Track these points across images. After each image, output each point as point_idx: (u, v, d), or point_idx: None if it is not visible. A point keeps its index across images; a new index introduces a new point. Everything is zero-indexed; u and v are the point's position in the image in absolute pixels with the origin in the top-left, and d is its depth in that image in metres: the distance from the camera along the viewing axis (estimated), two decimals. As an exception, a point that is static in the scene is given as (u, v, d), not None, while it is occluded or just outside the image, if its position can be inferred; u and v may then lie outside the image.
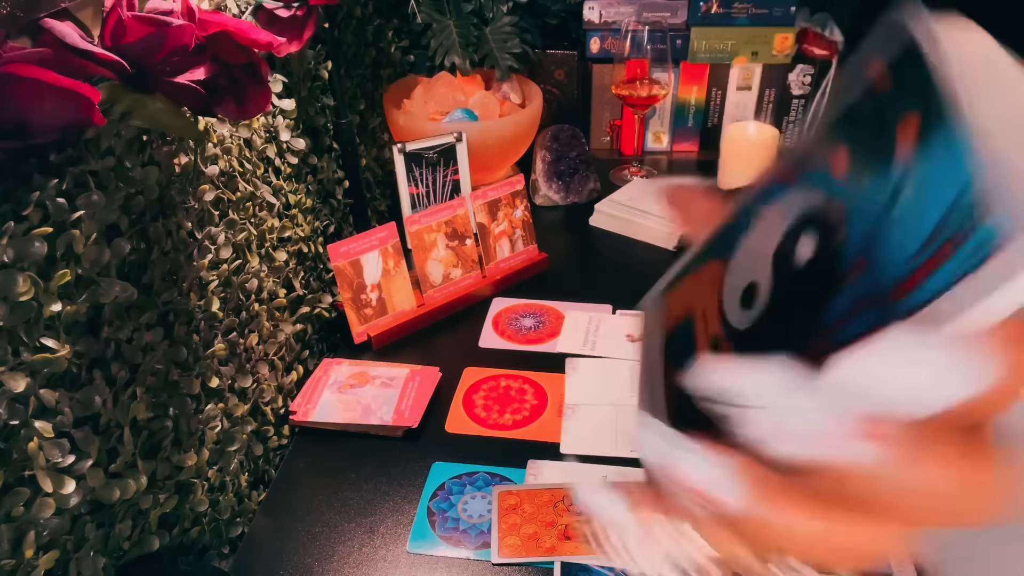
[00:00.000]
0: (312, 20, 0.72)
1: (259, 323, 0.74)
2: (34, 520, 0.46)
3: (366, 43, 1.09)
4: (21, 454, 0.45)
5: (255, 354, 0.74)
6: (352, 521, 0.70)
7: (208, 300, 0.65)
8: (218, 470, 0.67)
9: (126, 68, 0.46)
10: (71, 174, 0.48)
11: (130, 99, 0.49)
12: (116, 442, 0.53)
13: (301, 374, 0.84)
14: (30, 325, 0.45)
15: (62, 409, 0.48)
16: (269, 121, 0.79)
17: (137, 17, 0.47)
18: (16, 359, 0.45)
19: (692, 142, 1.37)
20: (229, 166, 0.70)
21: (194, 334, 0.63)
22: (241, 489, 0.72)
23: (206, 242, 0.65)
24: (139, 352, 0.55)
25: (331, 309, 0.92)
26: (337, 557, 0.66)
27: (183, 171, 0.62)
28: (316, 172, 0.90)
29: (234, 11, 0.71)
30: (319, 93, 0.91)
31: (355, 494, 0.72)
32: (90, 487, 0.50)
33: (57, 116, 0.42)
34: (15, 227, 0.44)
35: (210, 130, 0.67)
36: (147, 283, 0.57)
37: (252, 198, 0.74)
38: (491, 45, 1.19)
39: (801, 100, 1.29)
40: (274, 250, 0.78)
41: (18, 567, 0.45)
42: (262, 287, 0.75)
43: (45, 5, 0.45)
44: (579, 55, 1.32)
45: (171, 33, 0.47)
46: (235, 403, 0.70)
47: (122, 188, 0.53)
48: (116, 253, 0.52)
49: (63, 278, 0.47)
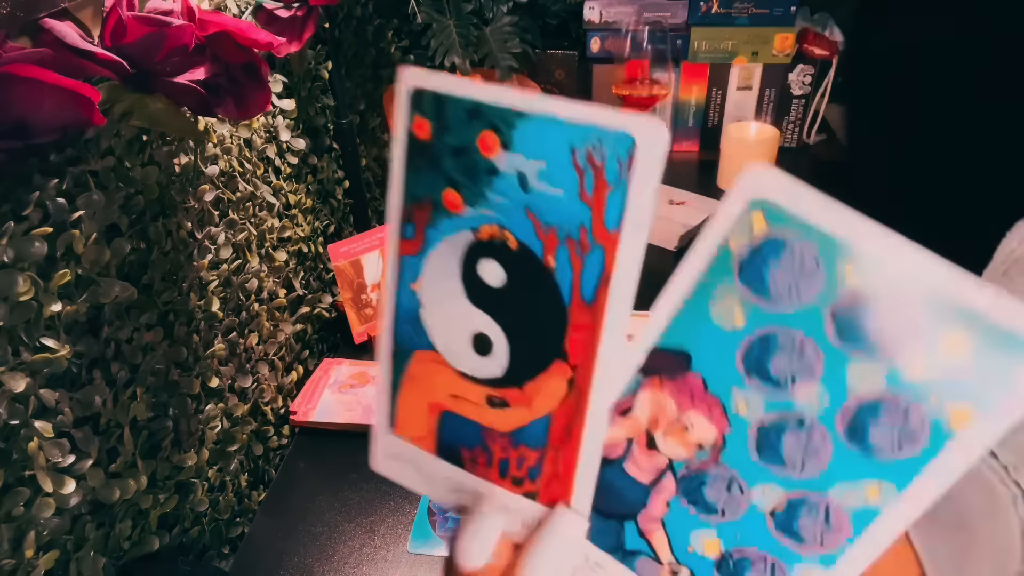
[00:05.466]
0: (312, 20, 0.72)
1: (259, 323, 0.74)
2: (34, 520, 0.46)
3: (366, 43, 1.09)
4: (21, 454, 0.45)
5: (255, 354, 0.74)
6: (352, 521, 0.70)
7: (208, 300, 0.65)
8: (218, 470, 0.67)
9: (126, 68, 0.46)
10: (71, 174, 0.48)
11: (130, 99, 0.49)
12: (116, 442, 0.53)
13: (301, 374, 0.84)
14: (30, 325, 0.45)
15: (62, 409, 0.48)
16: (269, 121, 0.79)
17: (137, 17, 0.47)
18: (16, 359, 0.45)
19: (692, 142, 1.37)
20: (229, 166, 0.70)
21: (194, 334, 0.63)
22: (241, 489, 0.72)
23: (206, 242, 0.65)
24: (139, 352, 0.55)
25: (331, 309, 0.92)
26: (337, 557, 0.66)
27: (183, 171, 0.62)
28: (316, 172, 0.90)
29: (234, 11, 0.71)
30: (319, 93, 0.91)
31: (355, 494, 0.72)
32: (90, 487, 0.50)
33: (57, 116, 0.42)
34: (15, 227, 0.44)
35: (210, 130, 0.67)
36: (147, 283, 0.57)
37: (252, 198, 0.74)
38: (491, 45, 1.19)
39: (801, 100, 1.29)
40: (274, 250, 0.78)
41: (18, 567, 0.45)
42: (262, 287, 0.75)
43: (45, 5, 0.45)
44: (579, 55, 1.32)
45: (171, 33, 0.47)
46: (235, 403, 0.70)
47: (122, 188, 0.53)
48: (116, 253, 0.52)
49: (63, 278, 0.47)
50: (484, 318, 0.27)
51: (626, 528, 0.27)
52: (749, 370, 0.24)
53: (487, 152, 0.25)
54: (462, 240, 0.27)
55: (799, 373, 0.23)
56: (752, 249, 0.23)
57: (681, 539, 0.26)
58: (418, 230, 0.28)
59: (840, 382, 0.22)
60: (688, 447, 0.25)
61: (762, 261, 0.23)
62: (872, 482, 0.22)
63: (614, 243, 0.24)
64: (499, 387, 0.28)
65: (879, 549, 0.23)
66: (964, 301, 0.20)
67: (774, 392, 0.23)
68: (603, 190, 0.23)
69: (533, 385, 0.27)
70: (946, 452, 0.21)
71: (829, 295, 0.22)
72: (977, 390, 0.21)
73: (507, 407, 0.28)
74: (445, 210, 0.27)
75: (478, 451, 0.29)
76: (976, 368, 0.20)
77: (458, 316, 0.28)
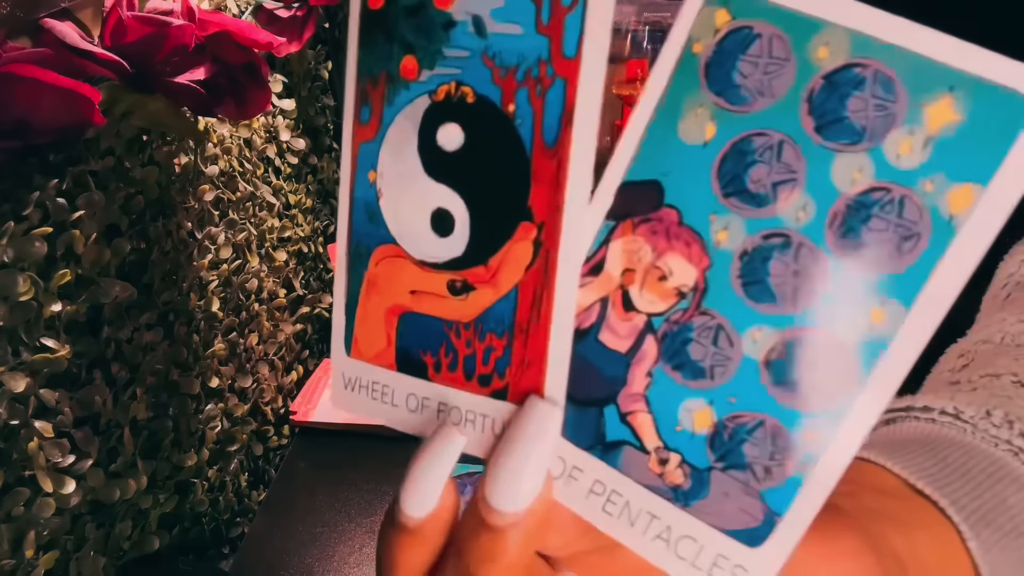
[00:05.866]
0: (312, 20, 0.72)
1: (259, 323, 0.74)
2: (34, 520, 0.46)
3: (366, 43, 1.09)
4: (21, 454, 0.45)
5: (255, 354, 0.74)
6: (352, 521, 0.70)
7: (208, 300, 0.65)
8: (218, 470, 0.67)
9: (126, 68, 0.46)
10: (71, 174, 0.48)
11: (130, 99, 0.49)
12: (116, 442, 0.53)
13: (301, 374, 0.84)
14: (30, 325, 0.45)
15: (62, 409, 0.48)
16: (269, 121, 0.79)
17: (137, 17, 0.47)
18: (16, 359, 0.45)
19: (692, 142, 1.37)
20: (229, 166, 0.70)
21: (194, 334, 0.63)
22: (241, 489, 0.72)
23: (206, 242, 0.65)
24: (139, 352, 0.55)
25: (331, 309, 0.91)
26: (337, 557, 0.66)
27: (183, 171, 0.62)
28: (316, 172, 0.90)
29: (234, 11, 0.71)
30: (319, 93, 0.91)
31: (355, 494, 0.72)
32: (90, 487, 0.50)
33: (57, 116, 0.42)
34: (15, 227, 0.44)
35: (210, 130, 0.67)
36: (147, 283, 0.57)
37: (252, 198, 0.74)
38: (491, 45, 1.18)
39: (801, 100, 1.29)
40: (274, 250, 0.78)
41: (18, 567, 0.45)
42: (262, 287, 0.75)
43: (45, 5, 0.45)
44: (579, 55, 1.32)
45: (171, 33, 0.47)
46: (235, 403, 0.70)
47: (122, 188, 0.53)
48: (116, 253, 0.52)
49: (63, 278, 0.47)
50: (443, 190, 0.25)
51: (606, 415, 0.24)
52: (726, 189, 0.21)
53: (443, 4, 0.24)
54: (419, 108, 0.25)
55: (779, 180, 0.20)
56: (717, 47, 0.21)
57: (668, 417, 0.23)
58: (374, 111, 0.26)
59: (825, 183, 0.20)
60: (668, 296, 0.22)
61: (727, 57, 0.21)
62: (875, 302, 0.20)
63: (575, 71, 0.22)
64: (462, 268, 0.25)
65: (891, 390, 0.20)
66: (950, 61, 0.18)
67: (755, 211, 0.21)
68: (561, 15, 0.22)
69: (497, 258, 0.24)
70: (953, 246, 0.19)
71: (802, 82, 0.20)
72: (974, 165, 0.18)
73: (471, 291, 0.25)
74: (402, 80, 0.25)
75: (442, 353, 0.26)
76: (970, 139, 0.18)
77: (417, 195, 0.25)
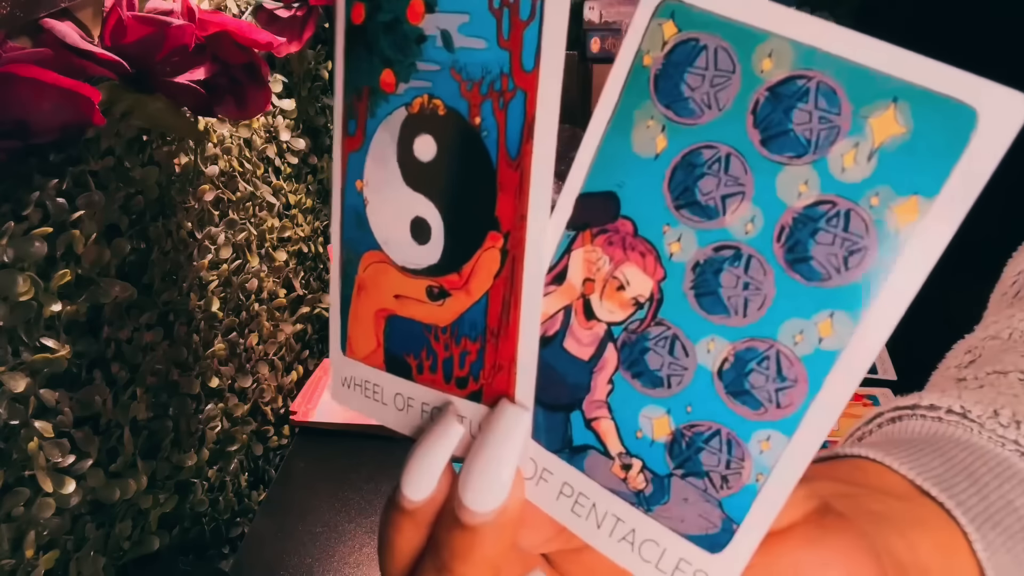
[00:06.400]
0: (312, 20, 0.72)
1: (259, 323, 0.74)
2: (34, 520, 0.46)
3: (366, 43, 1.09)
4: (21, 454, 0.45)
5: (255, 354, 0.74)
6: (352, 521, 0.70)
7: (208, 300, 0.65)
8: (218, 470, 0.67)
9: (126, 68, 0.46)
10: (71, 174, 0.48)
11: (130, 99, 0.49)
12: (116, 442, 0.53)
13: (301, 374, 0.84)
14: (30, 325, 0.45)
15: (62, 409, 0.48)
16: (269, 121, 0.79)
17: (137, 17, 0.47)
18: (16, 359, 0.45)
19: (692, 142, 1.37)
20: (229, 166, 0.70)
21: (194, 334, 0.63)
22: (241, 489, 0.72)
23: (206, 242, 0.65)
24: (139, 352, 0.55)
25: (331, 309, 0.92)
26: (337, 557, 0.67)
27: (183, 171, 0.62)
28: (316, 172, 0.90)
29: (234, 11, 0.71)
30: (319, 93, 0.91)
31: (355, 494, 0.72)
32: (90, 487, 0.50)
33: (57, 116, 0.42)
34: (15, 227, 0.44)
35: (210, 130, 0.67)
36: (147, 283, 0.57)
37: (252, 198, 0.74)
38: (491, 45, 1.19)
39: (801, 100, 1.29)
40: (274, 250, 0.78)
41: (18, 567, 0.45)
42: (262, 287, 0.75)
43: (45, 5, 0.45)
44: (579, 55, 1.32)
45: (171, 33, 0.47)
46: (235, 403, 0.70)
47: (122, 188, 0.53)
48: (116, 253, 0.52)
49: (63, 278, 0.47)
50: (420, 200, 0.26)
51: (572, 420, 0.25)
52: (677, 201, 0.22)
53: (415, 20, 0.25)
54: (397, 119, 0.26)
55: (728, 193, 0.21)
56: (665, 59, 0.21)
57: (629, 423, 0.24)
58: (359, 123, 0.27)
59: (771, 197, 0.20)
60: (626, 306, 0.23)
61: (675, 70, 0.21)
62: (823, 315, 0.20)
63: (534, 84, 0.23)
64: (438, 275, 0.26)
65: (842, 402, 0.20)
66: (893, 71, 0.19)
67: (705, 223, 0.22)
68: (519, 29, 0.23)
69: (469, 265, 0.26)
70: (900, 259, 0.19)
71: (747, 94, 0.20)
72: (920, 177, 0.19)
73: (447, 297, 0.26)
74: (382, 92, 0.26)
75: (423, 355, 0.27)
76: (915, 151, 0.18)
77: (397, 204, 0.27)
